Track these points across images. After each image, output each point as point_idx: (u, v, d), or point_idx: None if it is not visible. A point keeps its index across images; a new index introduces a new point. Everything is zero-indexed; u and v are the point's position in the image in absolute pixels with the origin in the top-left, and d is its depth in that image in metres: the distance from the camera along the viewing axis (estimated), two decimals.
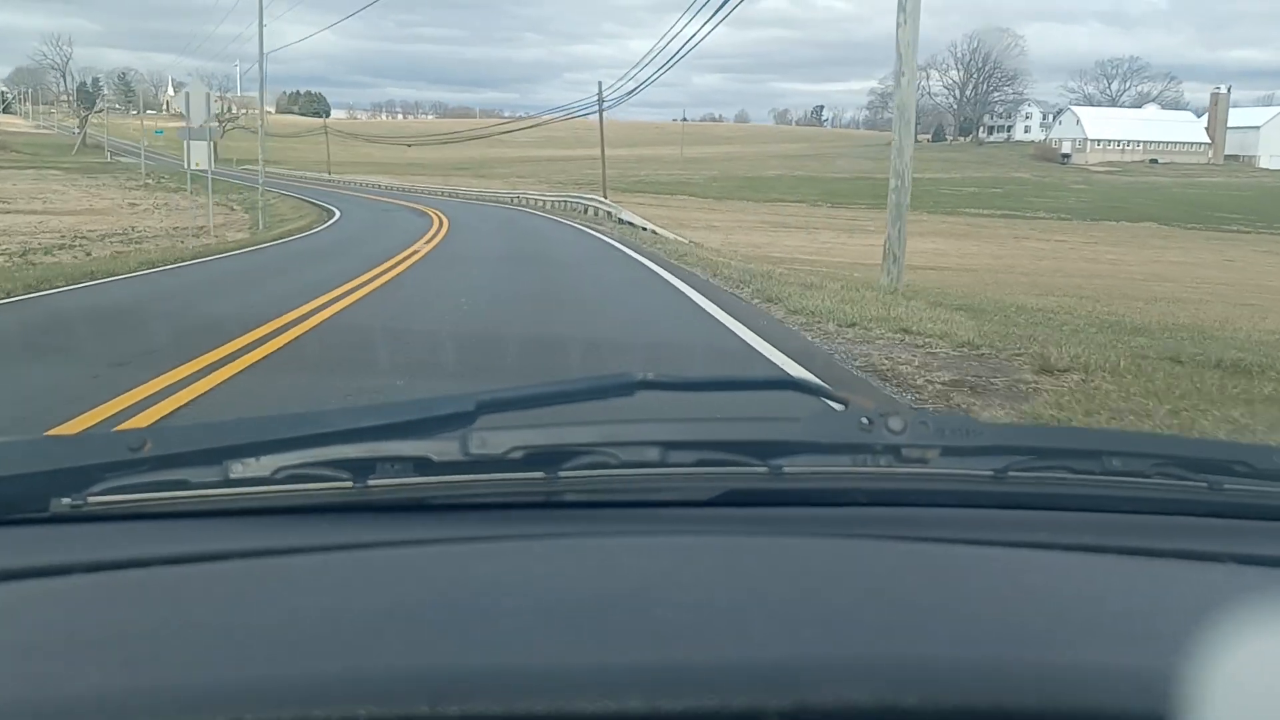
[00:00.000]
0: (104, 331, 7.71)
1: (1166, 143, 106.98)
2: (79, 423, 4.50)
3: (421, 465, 0.98)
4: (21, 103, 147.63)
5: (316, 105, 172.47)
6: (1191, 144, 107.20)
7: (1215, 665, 0.61)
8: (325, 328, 7.62)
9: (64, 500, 0.96)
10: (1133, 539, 0.99)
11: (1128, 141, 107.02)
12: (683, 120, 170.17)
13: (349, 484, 0.97)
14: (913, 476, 1.06)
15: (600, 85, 40.55)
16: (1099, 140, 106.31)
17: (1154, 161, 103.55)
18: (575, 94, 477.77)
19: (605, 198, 35.49)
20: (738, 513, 1.03)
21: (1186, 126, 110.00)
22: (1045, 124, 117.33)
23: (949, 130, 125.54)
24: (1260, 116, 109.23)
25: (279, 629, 0.71)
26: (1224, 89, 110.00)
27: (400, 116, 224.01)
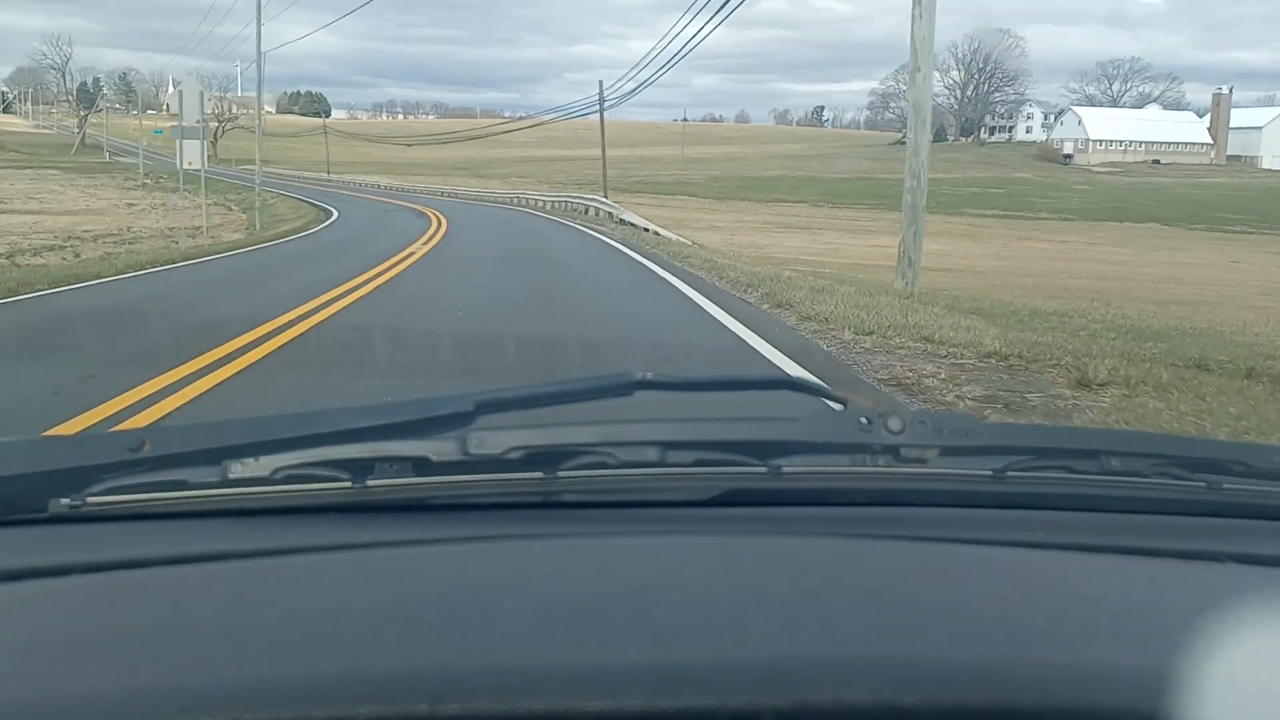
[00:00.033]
0: (78, 340, 7.23)
1: (1169, 143, 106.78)
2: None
3: (421, 465, 0.98)
4: (22, 102, 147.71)
5: (317, 105, 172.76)
6: (1194, 145, 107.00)
7: (1213, 664, 0.61)
8: (321, 329, 7.59)
9: (63, 501, 0.96)
10: (1131, 539, 0.99)
11: (1130, 142, 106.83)
12: (683, 120, 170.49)
13: (348, 484, 0.97)
14: (912, 476, 1.06)
15: (601, 84, 40.33)
16: (1101, 141, 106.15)
17: (1156, 162, 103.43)
18: (575, 94, 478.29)
19: (606, 198, 35.33)
20: (737, 513, 1.03)
21: (1189, 127, 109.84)
22: (1047, 124, 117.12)
23: (950, 131, 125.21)
24: (1262, 117, 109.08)
25: (278, 629, 0.71)
26: (1226, 89, 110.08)
27: (401, 116, 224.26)
